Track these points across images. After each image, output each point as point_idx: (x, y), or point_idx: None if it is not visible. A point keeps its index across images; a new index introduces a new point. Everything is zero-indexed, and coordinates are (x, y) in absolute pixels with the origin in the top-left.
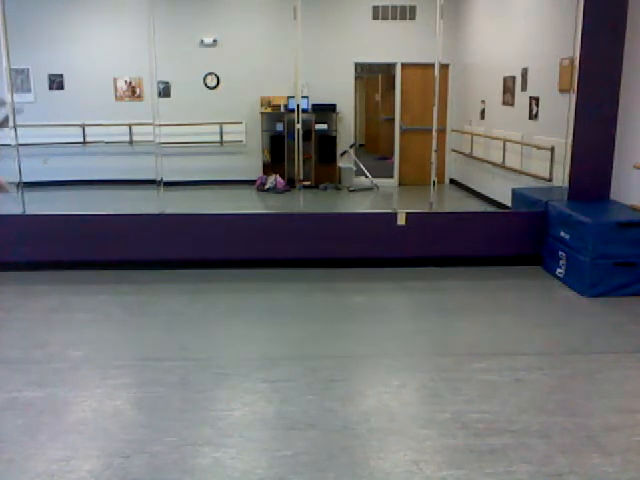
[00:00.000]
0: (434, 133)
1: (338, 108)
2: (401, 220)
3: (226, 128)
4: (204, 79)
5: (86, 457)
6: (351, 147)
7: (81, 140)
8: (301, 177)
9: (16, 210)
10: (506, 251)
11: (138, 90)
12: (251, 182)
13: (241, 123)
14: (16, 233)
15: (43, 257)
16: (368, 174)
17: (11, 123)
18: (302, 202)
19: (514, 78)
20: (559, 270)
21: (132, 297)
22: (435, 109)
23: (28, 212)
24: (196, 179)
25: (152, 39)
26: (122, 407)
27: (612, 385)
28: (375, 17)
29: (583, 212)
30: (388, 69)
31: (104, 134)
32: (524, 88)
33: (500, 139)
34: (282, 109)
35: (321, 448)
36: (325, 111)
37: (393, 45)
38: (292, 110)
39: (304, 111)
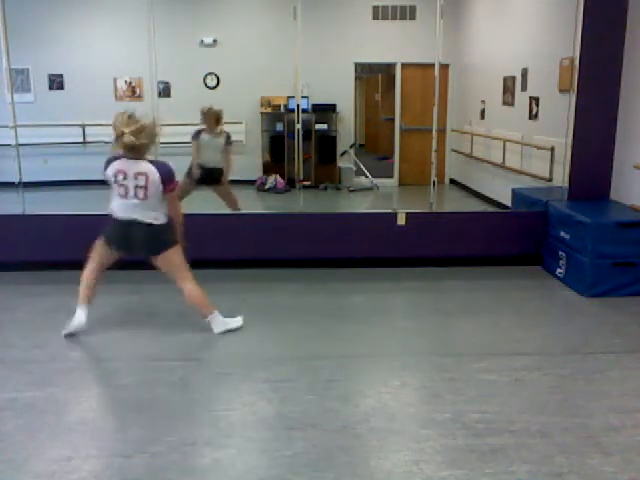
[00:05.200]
0: (434, 133)
1: (338, 108)
2: (401, 220)
3: (226, 128)
4: (204, 79)
5: (86, 457)
6: (351, 147)
7: (81, 140)
8: (301, 177)
9: (16, 210)
10: (506, 251)
11: (138, 90)
12: (251, 182)
13: (241, 123)
14: (16, 233)
15: (43, 257)
16: (368, 174)
17: (11, 123)
18: (302, 202)
19: (514, 78)
20: (559, 270)
21: (131, 297)
22: (435, 109)
23: (28, 212)
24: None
25: (152, 39)
26: (122, 407)
27: (612, 385)
28: (375, 17)
29: (583, 212)
30: (388, 69)
31: (104, 134)
32: (524, 88)
33: (500, 139)
34: (282, 109)
35: (321, 448)
36: (325, 111)
37: (393, 45)
38: (292, 110)
39: (304, 111)
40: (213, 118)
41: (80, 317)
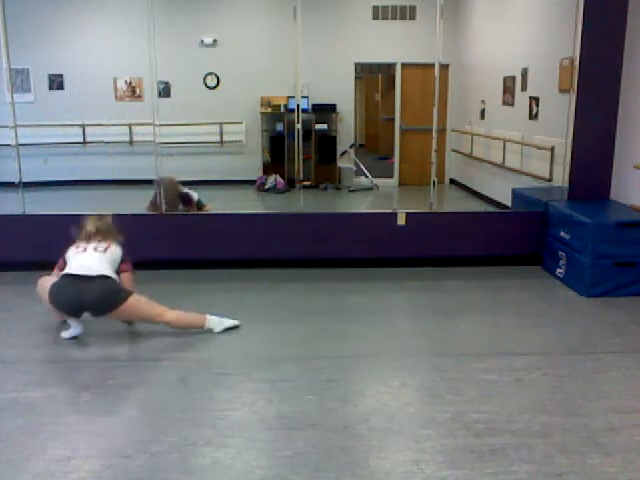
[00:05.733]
0: (434, 133)
1: (338, 108)
2: (401, 220)
3: (226, 128)
4: (204, 79)
5: (86, 457)
6: (351, 147)
7: (81, 140)
8: (301, 177)
9: (17, 210)
10: (506, 251)
11: (138, 90)
12: (251, 182)
13: (241, 123)
14: (16, 233)
15: (43, 257)
16: (368, 174)
17: (11, 123)
18: (302, 202)
19: (514, 78)
20: (559, 270)
21: None
22: (435, 109)
23: (28, 212)
24: (196, 179)
25: (152, 39)
26: (122, 407)
27: (612, 385)
28: (375, 17)
29: (583, 212)
30: (388, 69)
31: (104, 134)
32: (524, 88)
33: (500, 139)
34: (282, 109)
35: (321, 448)
36: (325, 111)
37: (393, 45)
38: (292, 110)
39: (304, 111)
40: (172, 191)
41: (77, 329)
